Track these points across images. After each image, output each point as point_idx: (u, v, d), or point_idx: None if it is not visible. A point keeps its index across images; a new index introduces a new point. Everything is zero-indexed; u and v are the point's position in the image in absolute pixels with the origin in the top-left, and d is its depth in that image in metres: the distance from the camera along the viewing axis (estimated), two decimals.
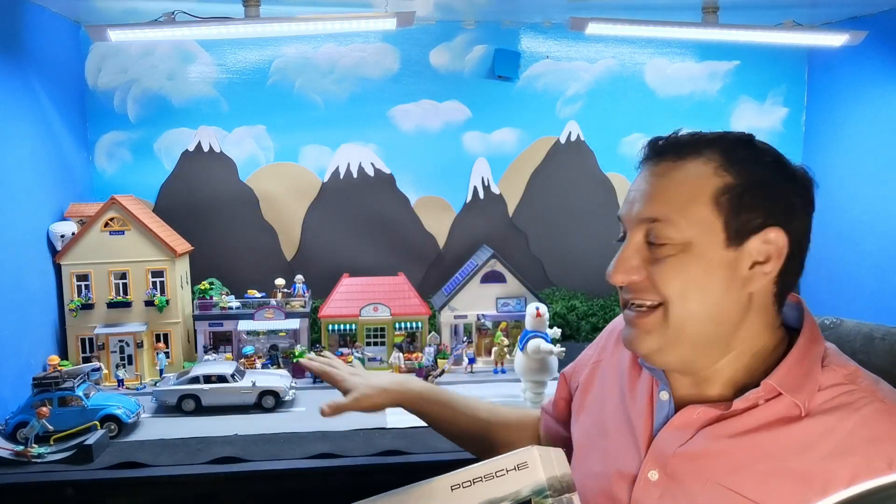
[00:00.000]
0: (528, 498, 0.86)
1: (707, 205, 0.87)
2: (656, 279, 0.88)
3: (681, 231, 0.87)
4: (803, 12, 2.26)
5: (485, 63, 2.56)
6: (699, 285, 0.87)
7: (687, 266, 0.87)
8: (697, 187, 0.88)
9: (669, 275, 0.88)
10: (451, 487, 0.92)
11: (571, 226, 2.65)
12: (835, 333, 1.09)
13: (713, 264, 0.87)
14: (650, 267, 0.89)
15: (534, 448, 0.91)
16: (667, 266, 0.88)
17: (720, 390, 0.92)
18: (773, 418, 0.85)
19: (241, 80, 2.48)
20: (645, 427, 0.95)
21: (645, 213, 0.90)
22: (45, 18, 2.14)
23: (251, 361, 2.19)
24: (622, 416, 1.01)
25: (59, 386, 1.73)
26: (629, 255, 0.91)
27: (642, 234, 0.91)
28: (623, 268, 0.91)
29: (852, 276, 2.47)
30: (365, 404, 1.33)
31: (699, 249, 0.87)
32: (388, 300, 2.35)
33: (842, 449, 0.80)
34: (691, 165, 0.89)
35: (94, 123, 2.45)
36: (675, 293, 0.87)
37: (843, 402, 0.83)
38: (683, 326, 0.88)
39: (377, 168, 2.58)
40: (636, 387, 1.01)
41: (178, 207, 2.47)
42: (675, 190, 0.89)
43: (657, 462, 0.91)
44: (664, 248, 0.88)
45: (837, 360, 0.90)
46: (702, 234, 0.87)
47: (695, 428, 0.90)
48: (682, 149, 0.91)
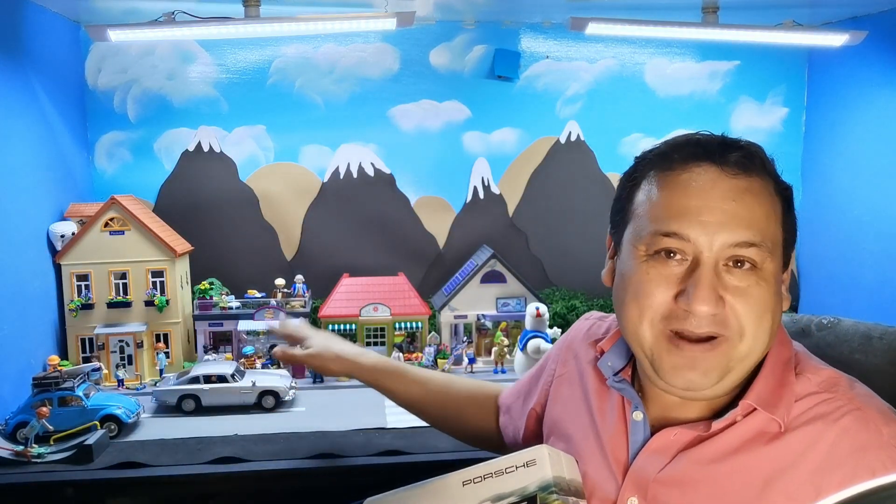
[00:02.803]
0: (535, 494, 0.87)
1: (779, 228, 0.84)
2: (739, 311, 0.80)
3: (772, 254, 0.82)
4: (803, 12, 2.25)
5: (485, 63, 2.56)
6: (773, 315, 0.82)
7: (767, 294, 0.81)
8: (773, 209, 0.84)
9: (753, 305, 0.81)
10: (463, 483, 0.94)
11: (571, 226, 2.65)
12: (832, 333, 1.09)
13: (779, 290, 0.84)
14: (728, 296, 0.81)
15: (543, 447, 0.93)
16: (751, 296, 0.81)
17: (699, 410, 0.89)
18: (753, 434, 0.83)
19: (241, 80, 2.48)
20: (619, 450, 0.91)
21: (739, 237, 0.80)
22: (45, 18, 2.14)
23: (251, 361, 2.19)
24: (593, 437, 0.96)
25: (59, 386, 1.73)
26: (714, 281, 0.81)
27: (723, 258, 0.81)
28: (713, 296, 0.80)
29: (852, 275, 2.46)
30: (317, 363, 1.36)
31: (776, 275, 0.83)
32: (388, 300, 2.35)
33: (826, 464, 0.78)
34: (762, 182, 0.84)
35: (94, 123, 2.44)
36: (753, 323, 0.81)
37: (821, 413, 0.81)
38: (748, 359, 0.83)
39: (377, 168, 2.58)
40: (605, 407, 0.97)
41: (178, 207, 2.47)
42: (761, 212, 0.82)
43: (637, 488, 0.87)
44: (747, 275, 0.81)
45: (810, 365, 0.88)
46: (778, 259, 0.84)
47: (673, 451, 0.86)
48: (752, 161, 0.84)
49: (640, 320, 0.85)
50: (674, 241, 0.82)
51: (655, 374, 0.87)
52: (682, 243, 0.82)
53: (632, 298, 0.86)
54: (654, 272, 0.84)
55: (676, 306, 0.82)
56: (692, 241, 0.81)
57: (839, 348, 0.94)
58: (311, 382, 2.16)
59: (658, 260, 0.84)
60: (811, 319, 1.13)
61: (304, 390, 2.09)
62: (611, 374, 0.97)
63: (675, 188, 0.84)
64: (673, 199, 0.84)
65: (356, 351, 1.40)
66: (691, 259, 0.82)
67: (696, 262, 0.82)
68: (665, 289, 0.83)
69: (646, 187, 0.88)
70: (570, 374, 1.07)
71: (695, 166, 0.84)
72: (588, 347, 1.06)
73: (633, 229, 0.88)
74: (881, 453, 0.77)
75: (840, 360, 0.91)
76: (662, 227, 0.83)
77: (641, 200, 0.88)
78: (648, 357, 0.87)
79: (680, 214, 0.82)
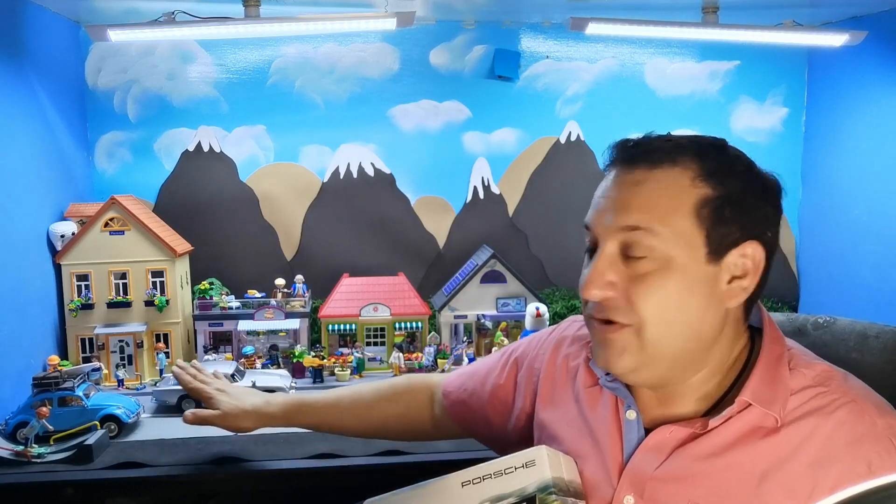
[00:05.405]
0: (534, 495, 0.88)
1: (688, 217, 0.83)
2: (634, 298, 0.83)
3: (664, 242, 0.83)
4: (803, 12, 2.26)
5: (485, 63, 2.56)
6: (679, 305, 0.83)
7: (667, 283, 0.82)
8: (678, 198, 0.84)
9: (648, 293, 0.83)
10: (462, 484, 0.94)
11: (571, 226, 2.65)
12: (829, 332, 1.09)
13: (694, 281, 0.83)
14: (626, 283, 0.84)
15: (543, 448, 0.93)
16: (646, 283, 0.83)
17: (692, 407, 0.89)
18: (749, 428, 0.83)
19: (241, 80, 2.48)
20: (614, 449, 0.91)
21: (623, 220, 0.85)
22: (45, 18, 2.14)
23: (251, 361, 2.19)
24: (586, 438, 0.96)
25: (59, 386, 1.72)
26: (604, 267, 0.85)
27: (617, 245, 0.85)
28: (599, 282, 0.85)
29: (852, 276, 2.46)
30: (229, 423, 1.35)
31: (680, 265, 0.83)
32: (388, 300, 2.35)
33: (823, 457, 0.79)
34: (668, 174, 0.85)
35: (94, 123, 2.45)
36: (654, 313, 0.83)
37: (816, 407, 0.82)
38: (660, 346, 0.84)
39: (377, 168, 2.58)
40: (597, 406, 0.97)
41: (178, 207, 2.47)
42: (655, 199, 0.84)
43: (633, 486, 0.87)
44: (643, 263, 0.83)
45: (804, 361, 0.88)
46: (684, 249, 0.83)
47: (669, 448, 0.87)
48: (657, 155, 0.86)
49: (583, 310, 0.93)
50: (588, 234, 0.91)
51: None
52: (592, 235, 0.90)
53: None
54: (585, 265, 0.91)
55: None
56: (593, 230, 0.89)
57: (835, 347, 0.95)
58: (311, 382, 2.17)
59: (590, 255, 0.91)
60: (807, 319, 1.13)
61: (304, 390, 2.09)
62: (602, 374, 0.98)
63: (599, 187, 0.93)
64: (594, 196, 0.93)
65: (262, 400, 1.38)
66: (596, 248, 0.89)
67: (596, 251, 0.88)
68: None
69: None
70: (560, 374, 1.07)
71: (612, 165, 0.92)
72: (580, 348, 1.07)
73: None
74: (877, 445, 0.78)
75: (836, 359, 0.91)
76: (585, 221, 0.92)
77: None
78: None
79: (591, 208, 0.92)
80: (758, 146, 2.63)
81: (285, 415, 1.35)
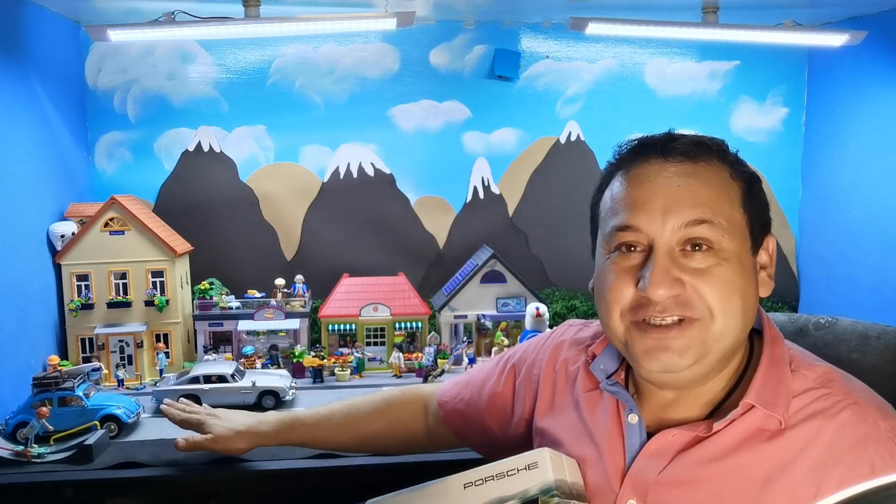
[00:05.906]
0: (536, 497, 0.88)
1: (737, 209, 0.86)
2: (703, 291, 0.82)
3: (725, 234, 0.83)
4: (803, 12, 2.26)
5: (485, 63, 2.56)
6: (743, 295, 0.84)
7: (731, 275, 0.83)
8: (727, 191, 0.86)
9: (717, 284, 0.82)
10: (464, 485, 0.94)
11: (571, 226, 2.65)
12: (830, 332, 1.09)
13: (748, 271, 0.86)
14: (691, 277, 0.83)
15: (545, 450, 0.93)
16: (714, 276, 0.83)
17: (695, 411, 0.89)
18: (751, 432, 0.83)
19: (241, 80, 2.48)
20: (616, 454, 0.90)
21: (687, 215, 0.83)
22: (45, 18, 2.14)
23: (251, 361, 2.19)
24: (587, 442, 0.95)
25: (59, 386, 1.72)
26: (667, 265, 0.83)
27: (677, 240, 0.84)
28: (667, 280, 0.82)
29: (852, 275, 2.46)
30: (221, 446, 1.34)
31: (738, 256, 0.85)
32: (388, 300, 2.35)
33: (826, 459, 0.78)
34: (710, 168, 0.87)
35: (94, 123, 2.45)
36: (724, 305, 0.83)
37: (819, 409, 0.82)
38: (723, 339, 0.84)
39: (377, 168, 2.58)
40: (598, 410, 0.96)
41: (178, 207, 2.47)
42: (710, 192, 0.85)
43: (636, 491, 0.86)
44: (705, 256, 0.83)
45: (805, 363, 0.88)
46: (739, 240, 0.85)
47: (672, 452, 0.86)
48: (695, 150, 0.87)
49: (611, 315, 0.88)
50: (629, 234, 0.86)
51: (635, 363, 0.89)
52: (637, 234, 0.86)
53: (603, 295, 0.90)
54: (617, 267, 0.87)
55: (639, 295, 0.85)
56: (643, 230, 0.85)
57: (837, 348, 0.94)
58: (311, 382, 2.17)
59: (620, 255, 0.88)
60: (809, 319, 1.13)
61: (304, 390, 2.09)
62: (603, 378, 0.97)
63: (627, 185, 0.89)
64: (625, 195, 0.88)
65: (254, 420, 1.37)
66: (648, 248, 0.86)
67: (651, 250, 0.85)
68: (628, 281, 0.86)
69: (606, 191, 0.94)
70: (559, 379, 1.06)
71: (643, 161, 0.89)
72: (578, 352, 1.06)
73: (600, 231, 0.93)
74: (879, 447, 0.78)
75: (838, 360, 0.91)
76: (618, 222, 0.87)
77: (604, 202, 0.94)
78: (624, 346, 0.89)
79: (631, 207, 0.87)
80: (758, 146, 2.64)
81: (278, 433, 1.34)
